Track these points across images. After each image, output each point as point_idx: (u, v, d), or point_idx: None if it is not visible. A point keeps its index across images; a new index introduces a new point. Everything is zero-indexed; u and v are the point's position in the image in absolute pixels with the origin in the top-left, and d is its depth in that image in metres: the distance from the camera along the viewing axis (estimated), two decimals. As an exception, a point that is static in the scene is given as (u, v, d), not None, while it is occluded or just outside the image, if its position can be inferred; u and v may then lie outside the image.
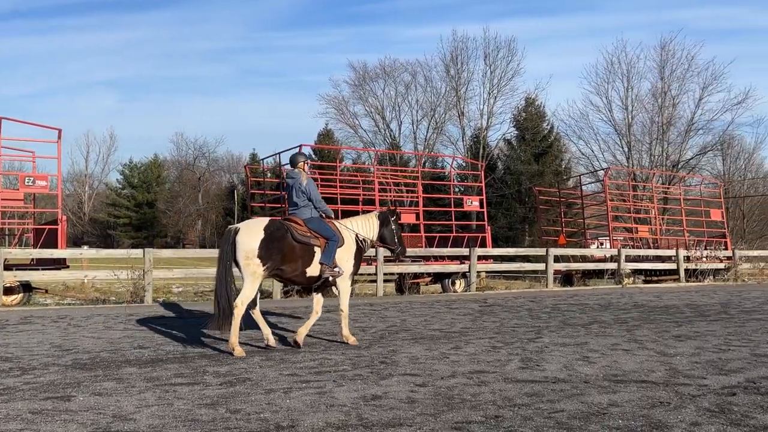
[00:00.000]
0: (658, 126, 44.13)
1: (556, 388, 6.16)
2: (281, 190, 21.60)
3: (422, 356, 7.82)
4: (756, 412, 5.30)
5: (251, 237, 7.99)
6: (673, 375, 6.75)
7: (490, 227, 24.06)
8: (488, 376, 6.72)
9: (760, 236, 44.55)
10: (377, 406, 5.53)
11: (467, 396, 5.88)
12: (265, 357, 7.77)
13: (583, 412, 5.36)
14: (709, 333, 9.76)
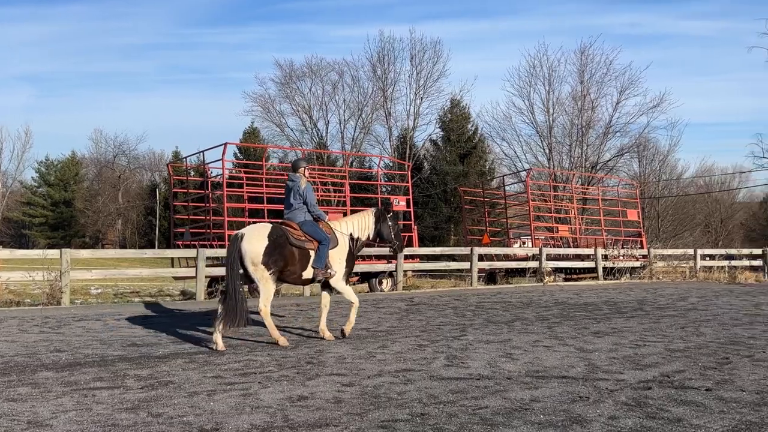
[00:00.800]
0: (578, 128, 45.42)
1: (480, 385, 6.27)
2: (204, 188, 21.24)
3: (349, 356, 7.81)
4: (670, 405, 5.52)
5: (256, 244, 8.37)
6: (592, 370, 6.96)
7: (416, 227, 24.26)
8: (414, 374, 6.78)
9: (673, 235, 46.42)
10: (303, 407, 5.49)
11: (394, 394, 5.91)
12: (188, 359, 7.61)
13: (506, 407, 5.46)
14: (625, 329, 10.11)
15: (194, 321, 11.03)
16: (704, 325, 10.58)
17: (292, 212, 9.03)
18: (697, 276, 22.77)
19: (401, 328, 10.28)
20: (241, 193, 20.62)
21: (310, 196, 9.08)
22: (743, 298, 15.19)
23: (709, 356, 7.76)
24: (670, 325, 10.51)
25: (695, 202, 54.10)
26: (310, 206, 9.04)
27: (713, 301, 14.62)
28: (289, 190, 9.20)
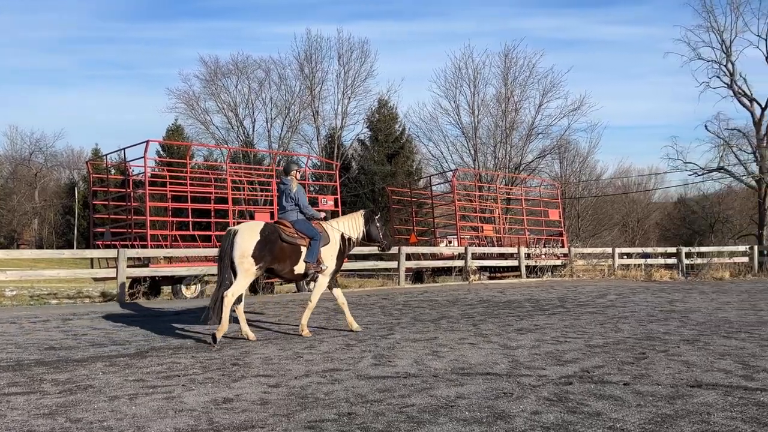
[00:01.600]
0: (502, 130, 46.28)
1: (407, 383, 6.30)
2: (126, 187, 20.65)
3: (276, 357, 7.74)
4: (590, 400, 5.68)
5: (248, 238, 8.79)
6: (516, 366, 7.10)
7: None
8: (342, 373, 6.77)
9: (592, 234, 47.89)
10: (229, 409, 5.41)
11: (321, 395, 5.89)
12: (108, 363, 7.38)
13: (432, 405, 5.51)
14: (547, 326, 10.36)
15: (114, 323, 10.71)
16: (622, 321, 10.94)
17: (285, 213, 9.51)
18: (615, 274, 23.53)
19: (329, 328, 10.25)
20: (164, 192, 20.15)
21: (302, 199, 9.53)
22: (659, 295, 15.79)
23: (627, 351, 8.02)
24: (590, 322, 10.83)
25: (613, 202, 55.88)
26: (303, 207, 9.49)
27: (630, 298, 15.14)
28: (281, 192, 9.65)
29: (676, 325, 10.48)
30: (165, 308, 12.92)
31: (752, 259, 25.70)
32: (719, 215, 52.57)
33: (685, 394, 5.84)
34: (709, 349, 8.10)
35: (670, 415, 5.17)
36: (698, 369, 6.92)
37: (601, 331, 9.72)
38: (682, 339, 8.95)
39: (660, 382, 6.33)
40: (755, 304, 13.63)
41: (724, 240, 45.07)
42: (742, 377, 6.50)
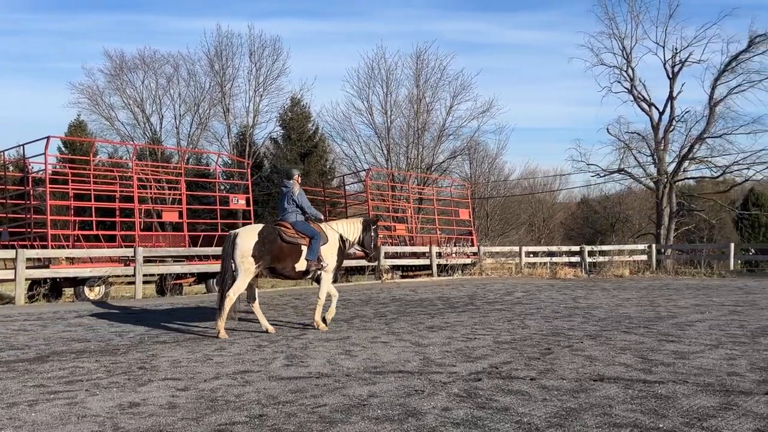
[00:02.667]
0: (414, 130, 46.73)
1: (320, 383, 6.28)
2: (25, 185, 19.71)
3: (184, 359, 7.56)
4: (498, 395, 5.82)
5: (247, 239, 9.31)
6: (427, 364, 7.19)
7: (255, 226, 23.86)
8: (253, 375, 6.68)
9: (501, 234, 49.01)
10: (135, 414, 5.24)
11: (231, 397, 5.79)
12: (6, 368, 7.03)
13: (344, 404, 5.51)
14: (458, 323, 10.54)
15: (13, 327, 10.21)
16: (529, 318, 11.25)
17: (286, 214, 9.98)
18: (522, 272, 24.16)
19: (240, 329, 10.09)
20: (66, 190, 19.35)
21: (305, 202, 10.10)
22: (563, 293, 16.33)
23: (533, 347, 8.26)
24: (498, 319, 11.09)
25: (521, 203, 57.34)
26: (307, 209, 10.05)
27: (537, 295, 15.59)
28: (283, 195, 10.15)
29: (579, 321, 10.86)
30: (67, 311, 12.40)
31: (650, 257, 26.91)
32: (620, 215, 54.79)
33: (588, 387, 6.06)
34: (611, 344, 8.44)
35: (575, 409, 5.35)
36: (600, 363, 7.19)
37: (509, 328, 9.97)
38: (586, 334, 9.29)
39: (565, 376, 6.55)
40: (653, 300, 14.28)
41: (624, 239, 47.00)
42: (641, 371, 6.80)
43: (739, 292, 16.20)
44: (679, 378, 6.42)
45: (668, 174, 37.65)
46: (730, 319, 10.97)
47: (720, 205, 43.08)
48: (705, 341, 8.63)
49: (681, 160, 37.89)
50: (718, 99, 36.74)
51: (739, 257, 27.32)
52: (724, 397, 5.68)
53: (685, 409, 5.29)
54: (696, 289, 17.46)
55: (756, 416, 5.08)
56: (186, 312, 12.30)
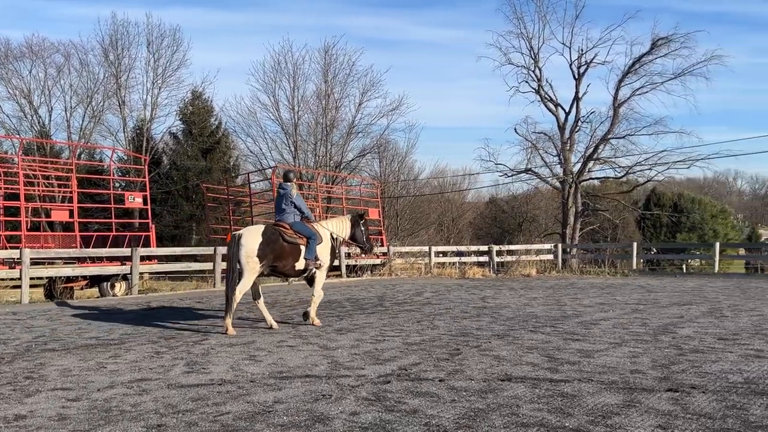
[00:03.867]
0: (323, 127, 46.60)
1: (223, 390, 6.17)
2: None
3: (76, 368, 7.26)
4: (407, 398, 5.87)
5: (252, 240, 9.93)
6: (335, 367, 7.18)
7: (154, 225, 23.28)
8: (151, 383, 6.49)
9: (410, 233, 49.49)
10: (21, 427, 5.00)
11: (127, 407, 5.60)
12: None
13: (249, 412, 5.43)
14: (367, 325, 10.58)
15: None
16: (438, 318, 11.42)
17: (284, 215, 10.57)
18: (431, 272, 24.51)
19: (136, 335, 9.78)
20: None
21: (302, 204, 10.77)
22: (472, 292, 16.66)
23: (442, 348, 8.39)
24: (408, 320, 11.20)
25: (430, 202, 58.14)
26: (304, 210, 10.72)
27: (446, 295, 15.85)
28: (281, 197, 10.74)
29: (488, 321, 11.10)
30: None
31: (556, 257, 27.83)
32: (527, 215, 56.39)
33: (496, 387, 6.20)
34: (518, 344, 8.67)
35: (483, 409, 5.46)
36: (508, 363, 7.37)
37: (418, 329, 10.09)
38: (494, 334, 9.51)
39: (473, 377, 6.68)
40: (559, 299, 14.77)
41: (531, 238, 48.39)
42: (547, 369, 7.01)
43: (641, 291, 16.97)
44: (585, 376, 6.66)
45: (574, 174, 39.02)
46: (633, 317, 11.48)
47: (623, 205, 44.98)
48: (609, 339, 8.99)
49: (586, 160, 39.35)
50: (622, 100, 38.37)
51: (641, 256, 28.65)
52: (627, 394, 5.93)
53: (590, 408, 5.50)
54: (600, 288, 18.18)
55: (658, 413, 5.33)
56: (76, 318, 11.84)
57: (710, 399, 5.73)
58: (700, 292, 16.74)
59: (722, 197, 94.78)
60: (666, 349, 8.19)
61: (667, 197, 57.61)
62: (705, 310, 12.54)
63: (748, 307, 12.89)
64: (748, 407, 5.45)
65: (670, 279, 22.59)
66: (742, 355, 7.81)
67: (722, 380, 6.46)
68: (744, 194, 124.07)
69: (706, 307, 13.07)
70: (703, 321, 10.89)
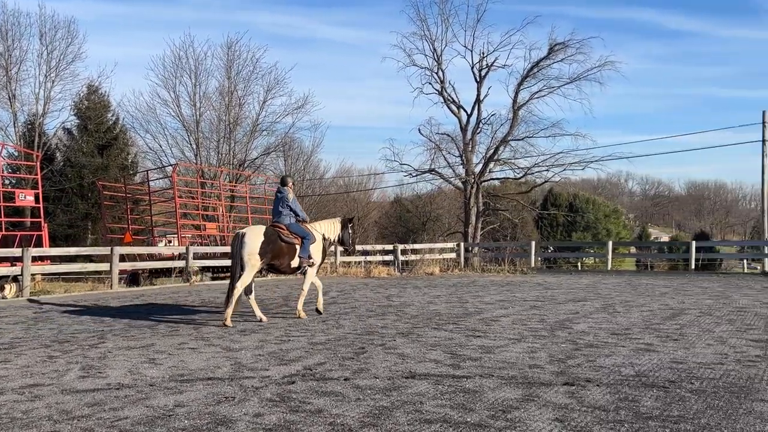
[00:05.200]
0: (226, 125, 45.81)
1: (120, 395, 5.97)
2: None
3: (-40, 375, 6.86)
4: (312, 398, 5.85)
5: (255, 239, 10.84)
6: (238, 369, 7.08)
7: (47, 224, 22.32)
8: (43, 389, 6.21)
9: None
10: None
11: (18, 414, 5.34)
12: None
13: (148, 416, 5.28)
14: (270, 325, 10.48)
15: None
16: (343, 317, 11.44)
17: (281, 217, 11.41)
18: (337, 271, 24.51)
19: (28, 339, 9.34)
20: None
21: (298, 207, 11.63)
22: (377, 291, 16.77)
23: (348, 347, 8.41)
24: (313, 319, 11.17)
25: (336, 201, 58.15)
26: (298, 212, 11.55)
27: (351, 294, 15.89)
28: (278, 199, 11.61)
29: (392, 319, 11.21)
30: None
31: (459, 255, 28.37)
32: (431, 214, 57.26)
33: (400, 385, 6.27)
34: (422, 341, 8.79)
35: (387, 407, 5.51)
36: (412, 360, 7.47)
37: (323, 328, 10.07)
38: (398, 332, 9.61)
39: (378, 375, 6.72)
40: (461, 297, 15.07)
41: (435, 237, 49.12)
42: (450, 366, 7.14)
43: (539, 288, 17.53)
44: (486, 372, 6.82)
45: (475, 175, 39.89)
46: (531, 313, 11.85)
47: (522, 205, 46.39)
48: (509, 335, 9.25)
49: (487, 161, 40.29)
50: (521, 103, 39.47)
51: (539, 255, 29.56)
52: (526, 389, 6.11)
53: (491, 402, 5.63)
54: (501, 285, 18.66)
55: (555, 406, 5.52)
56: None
57: (604, 392, 5.98)
58: (594, 288, 17.44)
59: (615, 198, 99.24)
60: (562, 344, 8.49)
61: (564, 197, 59.79)
62: (599, 306, 13.07)
63: (638, 303, 13.53)
64: (640, 399, 5.72)
65: (566, 276, 23.42)
66: (634, 349, 8.19)
67: (615, 373, 6.75)
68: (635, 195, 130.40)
69: (600, 303, 13.63)
70: (597, 317, 11.36)
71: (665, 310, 12.22)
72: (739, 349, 8.08)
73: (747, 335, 9.19)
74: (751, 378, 6.50)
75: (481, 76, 40.14)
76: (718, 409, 5.38)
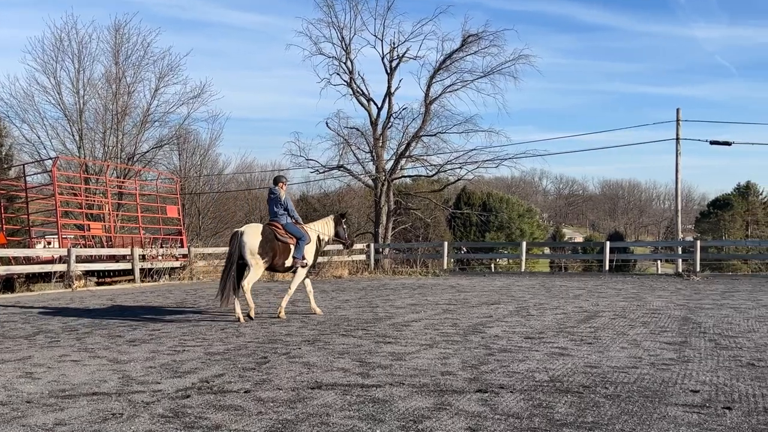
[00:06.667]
0: (113, 114, 44.41)
1: (-8, 415, 5.71)
2: None
3: None
4: (209, 412, 5.74)
5: (253, 238, 11.70)
6: (127, 383, 6.88)
7: None
8: None
9: (214, 233, 48.62)
10: None
11: None
12: None
13: (24, 438, 5.07)
14: (164, 335, 10.24)
15: None
16: (244, 325, 11.30)
17: (277, 217, 12.20)
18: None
19: None
20: None
21: (291, 206, 12.40)
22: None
23: (248, 357, 8.31)
24: (210, 328, 10.98)
25: (237, 199, 57.43)
26: (291, 212, 12.35)
27: (253, 299, 15.68)
28: (272, 200, 12.39)
29: (298, 325, 11.15)
30: None
31: (369, 257, 28.53)
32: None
33: (305, 396, 6.24)
34: (329, 349, 8.78)
35: (291, 420, 5.47)
36: (318, 370, 7.45)
37: (222, 337, 9.92)
38: (304, 340, 9.57)
39: (281, 386, 6.67)
40: (371, 301, 15.15)
41: (344, 238, 49.22)
42: (359, 375, 7.16)
43: (452, 291, 17.82)
44: (396, 380, 6.88)
45: (386, 172, 40.15)
46: (443, 318, 12.03)
47: (435, 204, 47.00)
48: (420, 341, 9.35)
49: (398, 157, 40.58)
50: (434, 97, 39.93)
51: (452, 256, 30.08)
52: (438, 397, 6.20)
53: (401, 412, 5.68)
54: (412, 288, 18.87)
55: (468, 415, 5.62)
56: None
57: (518, 398, 6.13)
58: (507, 291, 17.87)
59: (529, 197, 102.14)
60: (476, 350, 8.66)
61: (477, 196, 61.01)
62: (512, 309, 13.41)
63: (552, 306, 13.95)
64: (554, 405, 5.89)
65: (479, 278, 23.92)
66: (548, 353, 8.44)
67: (529, 379, 6.93)
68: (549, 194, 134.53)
69: (514, 306, 13.98)
70: (510, 320, 11.64)
71: (579, 313, 12.65)
72: (653, 352, 8.44)
73: (661, 338, 9.62)
74: (665, 382, 6.80)
75: (392, 67, 40.41)
76: (633, 414, 5.60)
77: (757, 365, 7.62)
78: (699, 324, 11.04)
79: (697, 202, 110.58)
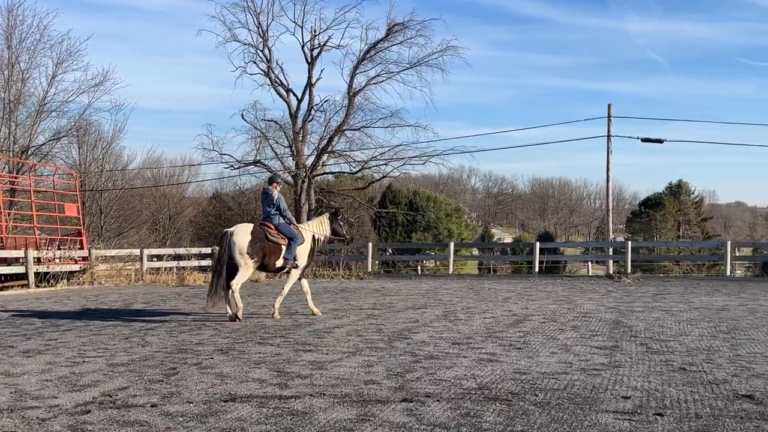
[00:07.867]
0: (5, 103, 42.94)
1: None
2: None
3: None
4: (112, 429, 5.61)
5: (242, 238, 12.30)
6: (20, 398, 6.67)
7: None
8: None
9: (118, 234, 47.49)
10: None
11: None
12: None
13: None
14: (62, 345, 9.96)
15: None
16: (151, 333, 11.08)
17: (269, 217, 12.81)
18: (144, 279, 23.77)
19: None
20: None
21: (284, 206, 12.96)
22: (191, 302, 16.42)
23: (156, 368, 8.15)
24: (114, 336, 10.73)
25: (143, 197, 56.22)
26: (284, 212, 12.92)
27: (161, 306, 15.46)
28: (266, 200, 13.05)
29: (210, 333, 11.00)
30: None
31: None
32: (256, 212, 56.80)
33: (218, 410, 6.16)
34: (244, 358, 8.70)
35: (203, 436, 5.39)
36: (233, 381, 7.37)
37: (126, 347, 9.71)
38: (216, 349, 9.45)
39: (192, 399, 6.57)
40: (290, 306, 15.06)
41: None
42: (276, 386, 7.11)
43: (376, 295, 17.90)
44: (317, 391, 6.86)
45: (307, 168, 39.94)
46: (368, 323, 12.06)
47: (359, 202, 47.00)
48: (343, 348, 9.36)
49: (320, 153, 40.40)
50: (357, 89, 39.89)
51: (377, 257, 30.23)
52: (361, 407, 6.21)
53: (322, 425, 5.66)
54: (334, 292, 18.86)
55: (392, 425, 5.64)
56: None
57: (445, 407, 6.19)
58: (435, 294, 18.05)
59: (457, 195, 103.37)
60: (401, 357, 8.71)
61: (403, 195, 61.31)
62: (439, 313, 13.55)
63: (481, 310, 14.15)
64: (482, 414, 5.98)
65: (405, 281, 24.08)
66: (476, 359, 8.55)
67: (456, 387, 7.01)
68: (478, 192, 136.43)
69: (441, 310, 14.13)
70: (437, 325, 11.75)
71: (509, 317, 12.87)
72: (583, 357, 8.66)
73: (591, 342, 9.87)
74: (596, 387, 6.98)
75: (313, 56, 40.18)
76: (563, 422, 5.73)
77: (688, 370, 7.90)
78: (630, 327, 11.39)
79: (629, 202, 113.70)
